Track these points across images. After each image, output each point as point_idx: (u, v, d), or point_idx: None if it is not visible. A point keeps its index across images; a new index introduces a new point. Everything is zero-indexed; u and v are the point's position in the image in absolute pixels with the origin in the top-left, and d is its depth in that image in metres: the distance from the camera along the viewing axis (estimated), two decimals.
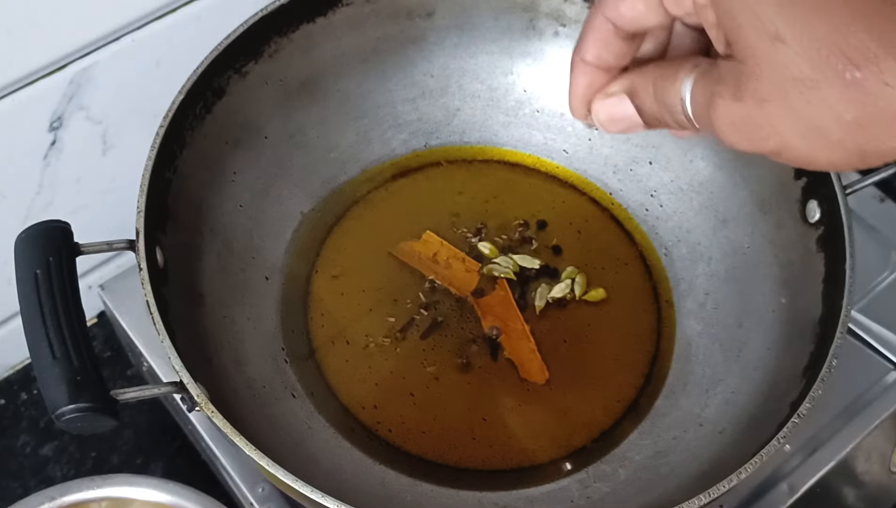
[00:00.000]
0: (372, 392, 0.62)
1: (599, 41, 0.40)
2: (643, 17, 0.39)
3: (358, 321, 0.65)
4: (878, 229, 0.73)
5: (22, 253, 0.51)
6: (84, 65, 0.63)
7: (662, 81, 0.38)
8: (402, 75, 0.70)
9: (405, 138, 0.71)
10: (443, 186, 0.71)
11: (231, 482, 0.64)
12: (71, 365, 0.47)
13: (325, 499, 0.47)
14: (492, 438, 0.61)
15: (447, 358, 0.63)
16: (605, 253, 0.68)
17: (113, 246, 0.53)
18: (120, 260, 0.75)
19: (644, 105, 0.39)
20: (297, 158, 0.68)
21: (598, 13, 0.39)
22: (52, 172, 0.67)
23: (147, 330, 0.65)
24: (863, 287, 0.70)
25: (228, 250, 0.63)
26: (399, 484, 0.59)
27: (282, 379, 0.61)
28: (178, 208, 0.58)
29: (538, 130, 0.72)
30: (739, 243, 0.66)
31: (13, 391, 0.75)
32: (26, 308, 0.49)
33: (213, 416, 0.49)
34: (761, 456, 0.50)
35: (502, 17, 0.69)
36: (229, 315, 0.61)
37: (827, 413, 0.65)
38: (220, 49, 0.60)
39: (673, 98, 0.37)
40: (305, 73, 0.66)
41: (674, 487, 0.57)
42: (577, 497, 0.59)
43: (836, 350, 0.53)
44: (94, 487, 0.58)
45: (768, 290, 0.63)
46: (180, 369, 0.49)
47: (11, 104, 0.61)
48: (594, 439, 0.62)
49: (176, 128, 0.58)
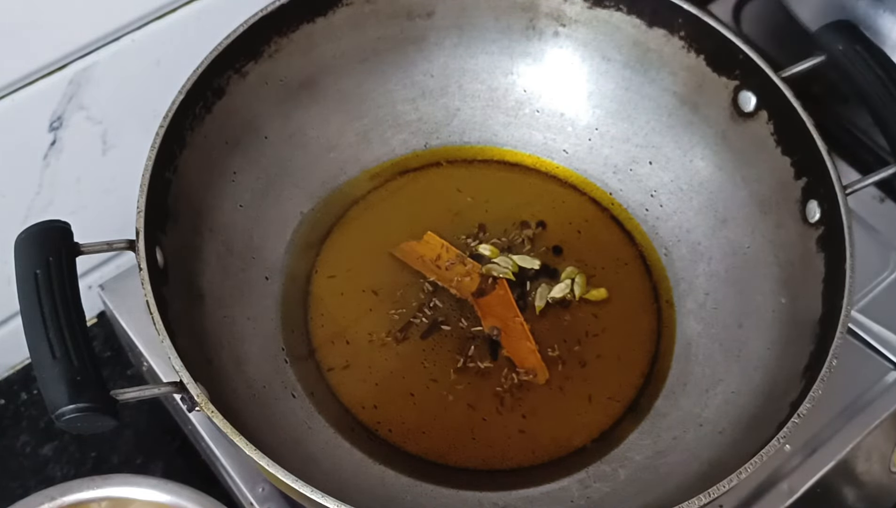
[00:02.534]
0: (372, 392, 0.62)
1: None
2: None
3: (358, 320, 0.65)
4: (878, 229, 0.73)
5: (22, 253, 0.51)
6: (84, 65, 0.63)
7: None
8: (402, 75, 0.70)
9: (405, 138, 0.71)
10: (443, 186, 0.70)
11: (231, 482, 0.64)
12: (71, 365, 0.47)
13: (325, 499, 0.47)
14: (492, 438, 0.61)
15: (447, 358, 0.63)
16: (605, 253, 0.68)
17: (113, 246, 0.53)
18: (120, 260, 0.75)
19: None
20: (297, 158, 0.68)
21: None
22: (52, 172, 0.67)
23: (147, 330, 0.65)
24: (863, 287, 0.70)
25: (228, 250, 0.63)
26: (399, 484, 0.59)
27: (282, 379, 0.61)
28: (178, 208, 0.58)
29: (538, 131, 0.72)
30: (739, 243, 0.66)
31: (13, 391, 0.75)
32: (26, 308, 0.49)
33: (213, 416, 0.49)
34: (761, 456, 0.50)
35: (502, 18, 0.69)
36: (229, 315, 0.61)
37: (827, 413, 0.65)
38: (220, 49, 0.60)
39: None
40: (305, 73, 0.66)
41: (674, 487, 0.57)
42: (577, 497, 0.59)
43: (836, 350, 0.53)
44: (94, 487, 0.58)
45: (768, 290, 0.63)
46: (180, 369, 0.50)
47: (11, 104, 0.61)
48: (594, 439, 0.62)
49: (176, 128, 0.58)
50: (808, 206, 0.61)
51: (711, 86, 0.66)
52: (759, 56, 0.62)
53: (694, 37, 0.65)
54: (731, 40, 0.63)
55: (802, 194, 0.61)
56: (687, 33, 0.65)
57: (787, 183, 0.62)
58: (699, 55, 0.65)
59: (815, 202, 0.60)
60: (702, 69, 0.65)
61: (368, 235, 0.68)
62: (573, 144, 0.71)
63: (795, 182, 0.62)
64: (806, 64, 0.63)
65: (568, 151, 0.71)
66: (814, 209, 0.60)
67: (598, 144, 0.71)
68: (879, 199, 0.75)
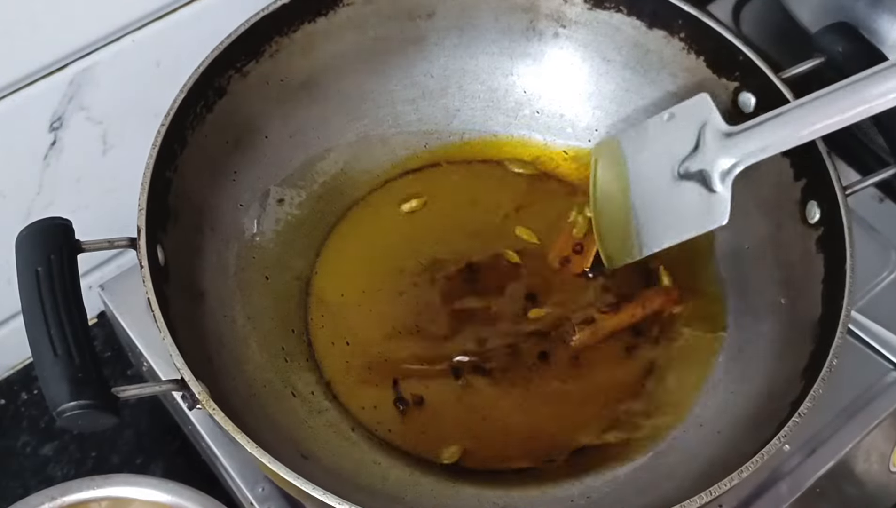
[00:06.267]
0: (372, 393, 0.62)
1: None
2: None
3: (358, 321, 0.65)
4: (878, 230, 0.73)
5: (23, 251, 0.51)
6: (84, 65, 0.63)
7: None
8: (402, 76, 0.70)
9: (405, 139, 0.71)
10: (442, 186, 0.71)
11: (231, 482, 0.64)
12: (72, 362, 0.47)
13: (325, 496, 0.47)
14: (491, 438, 0.61)
15: None
16: None
17: (114, 244, 0.53)
18: (120, 260, 0.75)
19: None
20: (297, 158, 0.68)
21: None
22: (52, 172, 0.67)
23: (147, 330, 0.65)
24: (863, 287, 0.70)
25: (229, 249, 0.63)
26: (399, 483, 0.59)
27: (282, 379, 0.61)
28: (179, 206, 0.59)
29: (538, 131, 0.72)
30: (739, 243, 0.66)
31: (13, 391, 0.75)
32: (27, 306, 0.49)
33: (215, 413, 0.49)
34: (761, 456, 0.50)
35: (502, 18, 0.70)
36: (230, 314, 0.61)
37: (827, 413, 0.65)
38: (221, 48, 0.60)
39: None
40: (306, 73, 0.66)
41: (673, 487, 0.57)
42: (577, 497, 0.59)
43: (836, 350, 0.53)
44: (94, 487, 0.58)
45: (768, 290, 0.63)
46: (182, 366, 0.50)
47: (11, 104, 0.61)
48: (594, 439, 0.62)
49: (177, 127, 0.58)
50: (807, 206, 0.61)
51: (711, 87, 0.65)
52: (759, 57, 0.62)
53: (694, 38, 0.65)
54: (731, 42, 0.63)
55: (802, 195, 0.61)
56: (687, 34, 0.65)
57: (787, 184, 0.62)
58: (699, 56, 0.66)
59: (814, 203, 0.60)
60: (702, 70, 0.66)
61: (368, 235, 0.68)
62: (573, 145, 0.71)
63: (795, 183, 0.62)
64: (806, 65, 0.63)
65: (568, 152, 0.71)
66: (814, 210, 0.60)
67: None
68: (879, 199, 0.75)
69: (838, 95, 0.53)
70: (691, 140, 0.59)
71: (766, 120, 0.56)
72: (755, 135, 0.56)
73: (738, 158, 0.57)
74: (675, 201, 0.60)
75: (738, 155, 0.57)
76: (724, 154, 0.57)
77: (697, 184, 0.59)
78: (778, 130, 0.55)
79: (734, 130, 0.57)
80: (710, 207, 0.58)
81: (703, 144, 0.58)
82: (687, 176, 0.59)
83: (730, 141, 0.57)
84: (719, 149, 0.57)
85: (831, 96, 0.53)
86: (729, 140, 0.57)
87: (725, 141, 0.57)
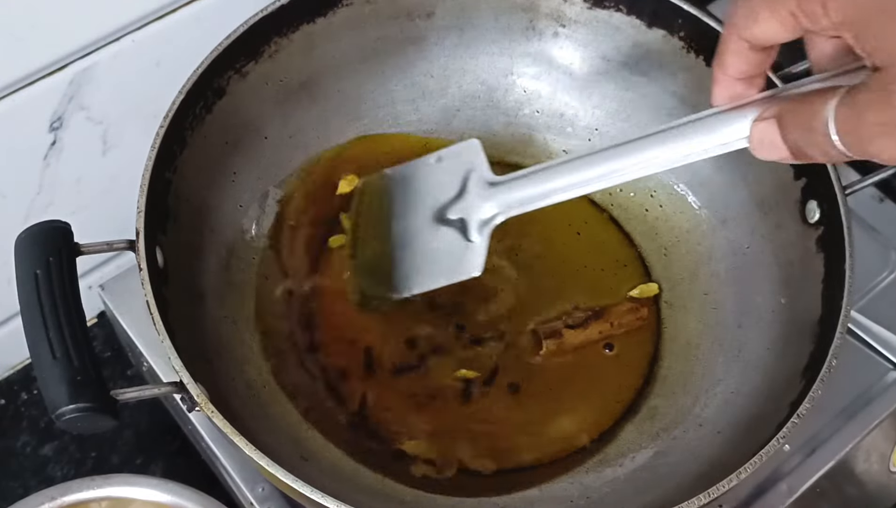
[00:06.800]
0: (372, 393, 0.62)
1: (738, 56, 0.43)
2: (778, 35, 0.41)
3: (358, 322, 0.64)
4: (877, 229, 0.73)
5: (22, 253, 0.51)
6: (84, 65, 0.63)
7: (807, 106, 0.40)
8: (402, 76, 0.70)
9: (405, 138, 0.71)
10: None
11: (231, 482, 0.64)
12: (71, 365, 0.47)
13: (324, 499, 0.47)
14: (492, 438, 0.61)
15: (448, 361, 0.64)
16: (604, 254, 0.68)
17: (113, 246, 0.53)
18: (120, 260, 0.75)
19: (788, 132, 0.41)
20: (297, 158, 0.68)
21: (734, 33, 0.42)
22: (52, 172, 0.67)
23: (147, 330, 0.64)
24: (863, 287, 0.70)
25: (228, 251, 0.63)
26: (399, 484, 0.59)
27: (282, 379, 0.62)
28: (179, 208, 0.58)
29: (538, 131, 0.72)
30: (739, 243, 0.66)
31: (13, 391, 0.75)
32: (26, 308, 0.49)
33: (213, 416, 0.49)
34: (761, 456, 0.50)
35: (502, 18, 0.69)
36: (229, 315, 0.61)
37: (827, 413, 0.65)
38: (220, 49, 0.60)
39: (817, 122, 0.39)
40: (305, 73, 0.66)
41: (674, 487, 0.57)
42: (577, 497, 0.59)
43: (836, 350, 0.53)
44: (94, 487, 0.58)
45: (768, 290, 0.63)
46: (180, 369, 0.50)
47: (11, 104, 0.61)
48: (594, 439, 0.62)
49: (176, 128, 0.58)
50: (807, 206, 0.61)
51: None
52: None
53: (693, 37, 0.65)
54: None
55: (802, 194, 0.61)
56: (686, 34, 0.65)
57: (787, 183, 0.62)
58: (699, 56, 0.65)
59: (814, 202, 0.60)
60: (701, 69, 0.65)
61: None
62: (573, 145, 0.71)
63: (795, 182, 0.62)
64: (805, 64, 0.63)
65: (568, 151, 0.71)
66: (813, 209, 0.60)
67: (598, 144, 0.71)
68: (879, 199, 0.75)
69: (609, 153, 0.50)
70: (455, 186, 0.56)
71: (531, 173, 0.53)
72: (518, 186, 0.53)
73: (499, 209, 0.54)
74: (432, 247, 0.56)
75: (499, 206, 0.54)
76: (486, 203, 0.54)
77: (456, 231, 0.55)
78: (542, 183, 0.52)
79: (498, 180, 0.54)
80: (464, 256, 0.55)
81: (466, 192, 0.55)
82: (446, 222, 0.56)
83: (493, 190, 0.54)
84: (482, 198, 0.54)
85: (603, 154, 0.50)
86: (492, 189, 0.54)
87: (489, 190, 0.54)
